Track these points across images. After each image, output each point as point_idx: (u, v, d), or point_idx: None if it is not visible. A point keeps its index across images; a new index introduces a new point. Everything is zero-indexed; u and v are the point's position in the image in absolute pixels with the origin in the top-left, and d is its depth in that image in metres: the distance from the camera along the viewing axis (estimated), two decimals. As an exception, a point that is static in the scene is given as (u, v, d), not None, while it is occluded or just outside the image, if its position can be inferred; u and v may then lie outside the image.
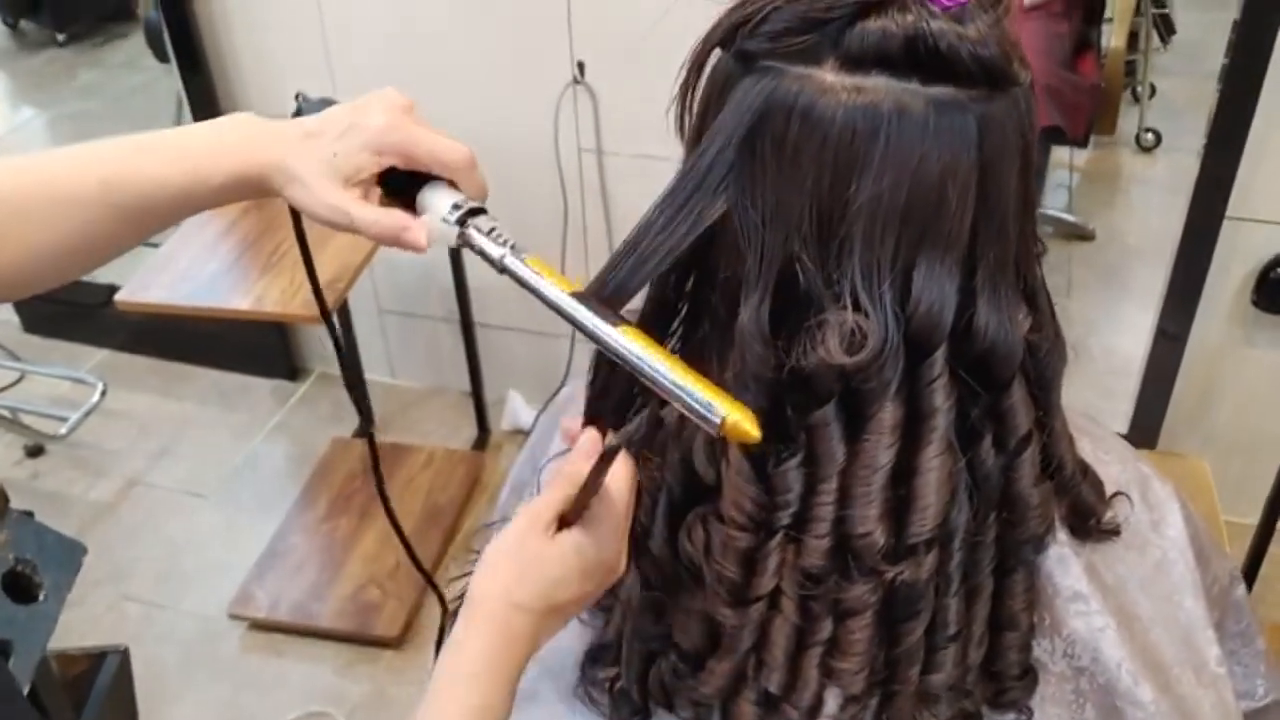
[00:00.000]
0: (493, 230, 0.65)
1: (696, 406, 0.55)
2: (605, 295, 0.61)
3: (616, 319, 0.60)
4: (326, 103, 0.73)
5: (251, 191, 0.69)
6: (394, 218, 0.67)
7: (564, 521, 0.63)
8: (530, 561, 0.62)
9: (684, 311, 0.65)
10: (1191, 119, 2.09)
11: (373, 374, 2.73)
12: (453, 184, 0.67)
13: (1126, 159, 3.29)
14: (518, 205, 2.32)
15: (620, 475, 0.63)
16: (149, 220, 0.70)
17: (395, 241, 0.67)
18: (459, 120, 2.46)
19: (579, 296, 0.61)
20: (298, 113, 0.73)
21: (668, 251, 0.60)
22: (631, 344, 0.58)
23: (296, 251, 0.78)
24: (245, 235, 2.13)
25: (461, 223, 0.65)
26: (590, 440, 0.66)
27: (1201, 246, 1.97)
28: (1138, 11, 2.96)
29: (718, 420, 0.54)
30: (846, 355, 0.57)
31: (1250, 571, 2.00)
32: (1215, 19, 2.02)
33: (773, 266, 0.59)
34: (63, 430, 2.65)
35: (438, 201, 0.67)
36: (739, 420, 0.54)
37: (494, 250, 0.64)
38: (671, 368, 0.57)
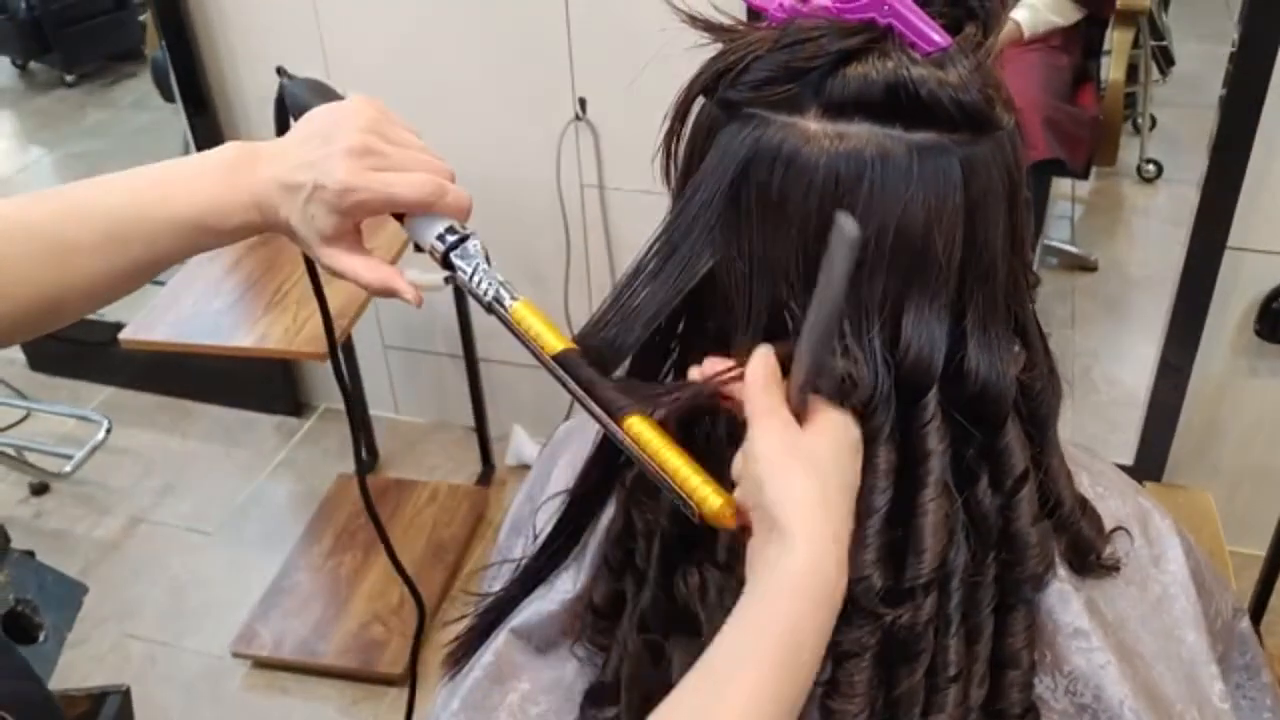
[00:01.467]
0: (474, 271, 0.65)
1: (679, 493, 0.57)
2: (598, 352, 0.61)
3: (604, 382, 0.60)
4: (314, 85, 0.73)
5: (255, 233, 0.70)
6: (380, 275, 0.68)
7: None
8: (816, 462, 0.55)
9: (675, 356, 0.65)
10: (1192, 150, 2.10)
11: (377, 409, 2.73)
12: None
13: (1128, 190, 3.29)
14: (521, 240, 2.34)
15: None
16: (152, 269, 0.71)
17: (391, 293, 0.68)
18: (463, 157, 2.48)
19: (568, 356, 0.60)
20: (280, 91, 0.74)
21: (659, 308, 0.60)
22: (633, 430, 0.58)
23: (300, 289, 0.80)
24: (249, 273, 2.14)
25: (447, 261, 0.65)
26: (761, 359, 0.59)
27: (1203, 277, 1.97)
28: (1136, 44, 2.97)
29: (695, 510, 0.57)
30: (837, 402, 0.57)
31: (1259, 603, 1.99)
32: (1214, 51, 2.03)
33: (762, 315, 0.59)
34: (67, 468, 2.65)
35: (421, 236, 0.67)
36: (719, 508, 0.57)
37: (481, 293, 0.64)
38: (660, 450, 0.58)
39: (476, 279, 0.65)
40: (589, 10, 2.04)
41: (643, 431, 0.58)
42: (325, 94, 0.73)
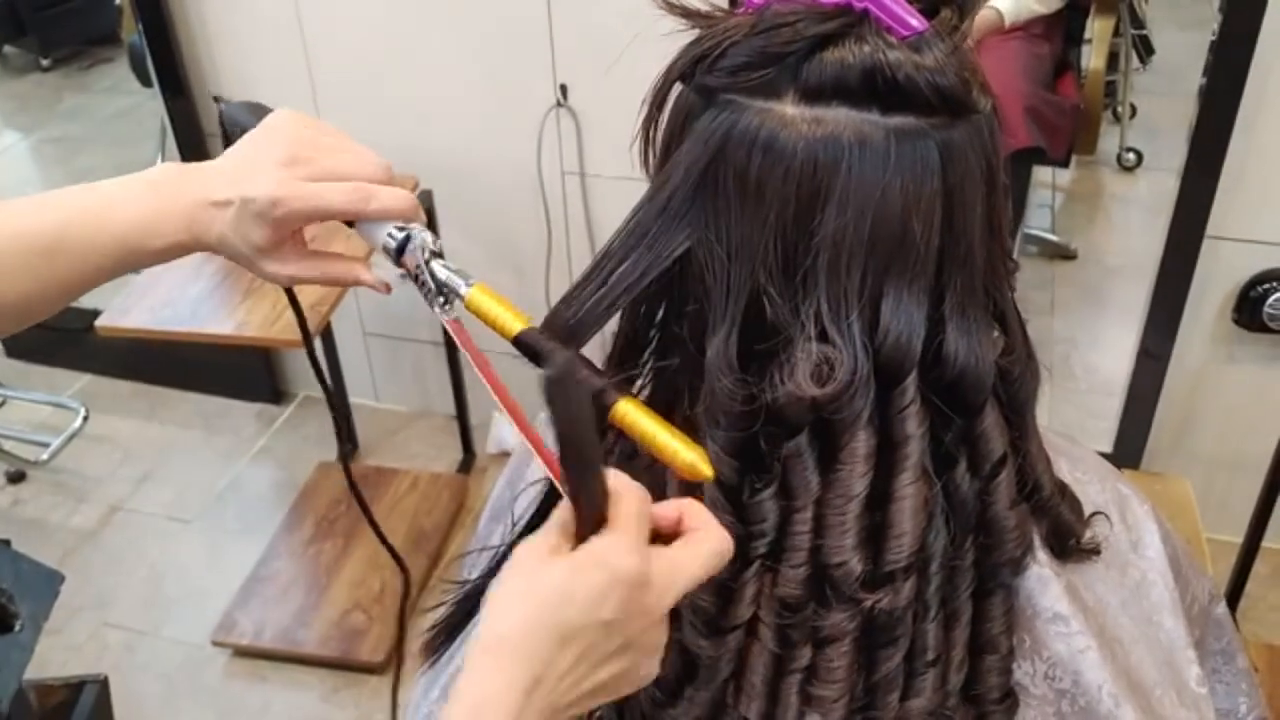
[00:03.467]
0: (422, 266, 0.65)
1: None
2: (567, 329, 0.61)
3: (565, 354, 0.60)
4: (250, 105, 0.73)
5: (184, 254, 0.70)
6: (342, 269, 0.68)
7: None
8: (536, 589, 0.52)
9: (654, 343, 0.65)
10: (1172, 138, 2.10)
11: (357, 397, 2.72)
12: None
13: (1108, 178, 3.31)
14: (502, 228, 2.34)
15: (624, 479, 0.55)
16: (84, 286, 0.70)
17: (356, 284, 0.69)
18: (444, 144, 2.47)
19: (530, 333, 0.61)
20: (221, 116, 0.74)
21: (628, 287, 0.60)
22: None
23: (275, 278, 0.79)
24: (227, 260, 2.12)
25: (398, 259, 0.65)
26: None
27: (1182, 265, 1.98)
28: (1117, 33, 2.98)
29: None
30: (816, 387, 0.57)
31: (1235, 589, 2.00)
32: (1193, 39, 2.04)
33: (739, 300, 0.59)
34: (44, 456, 2.63)
35: (372, 239, 0.67)
36: (694, 461, 0.56)
37: (432, 284, 0.64)
38: (635, 420, 0.57)
39: (421, 281, 0.65)
40: (570, -4, 2.03)
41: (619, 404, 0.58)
42: (259, 112, 0.73)
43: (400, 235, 0.65)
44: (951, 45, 0.57)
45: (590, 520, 0.54)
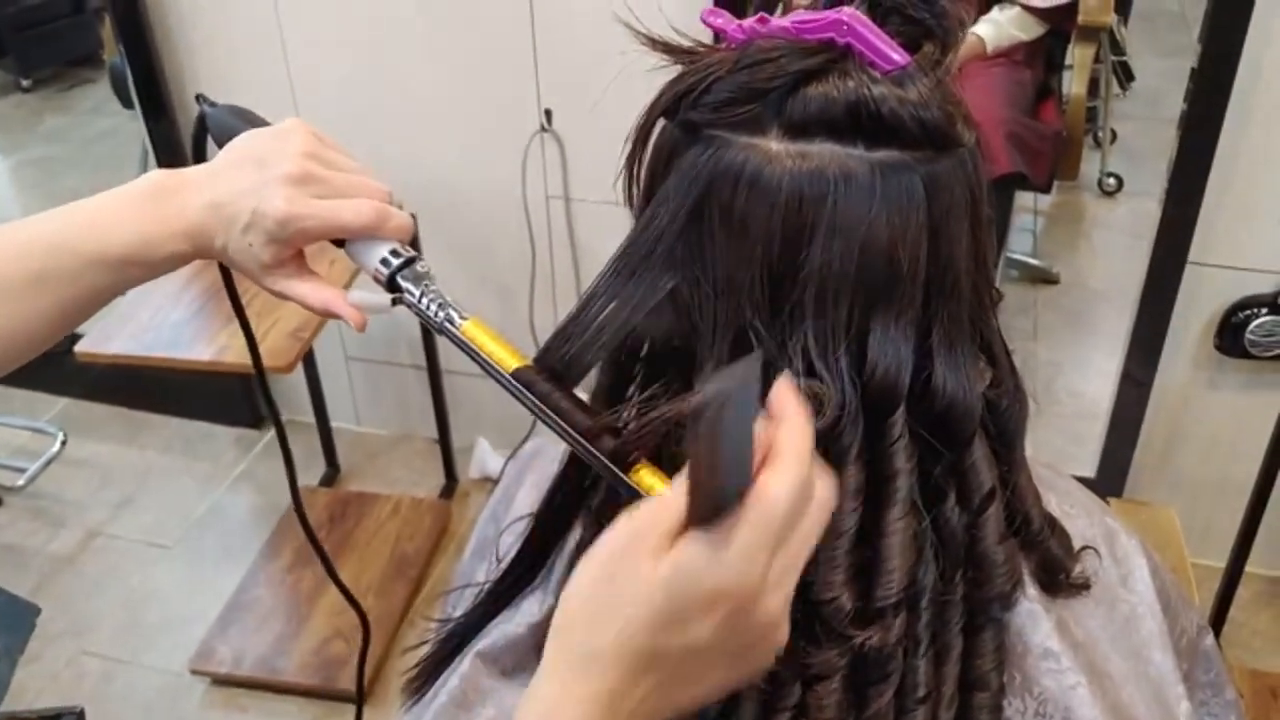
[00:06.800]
0: (423, 294, 0.65)
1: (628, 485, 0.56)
2: (557, 369, 0.60)
3: (564, 397, 0.59)
4: (236, 110, 0.72)
5: (184, 264, 0.68)
6: (323, 297, 0.67)
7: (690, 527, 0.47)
8: (635, 604, 0.47)
9: (639, 379, 0.64)
10: (1152, 164, 2.12)
11: (339, 421, 2.71)
12: None
13: (1089, 203, 3.32)
14: (486, 252, 2.33)
15: (794, 451, 0.47)
16: (79, 313, 0.68)
17: (334, 316, 0.68)
18: (428, 169, 2.47)
19: (524, 372, 0.60)
20: (201, 116, 0.73)
21: (620, 326, 0.59)
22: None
23: (260, 301, 0.79)
24: (209, 285, 2.11)
25: (392, 283, 0.65)
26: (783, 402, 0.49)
27: (1164, 291, 1.99)
28: (1097, 59, 3.00)
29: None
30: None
31: (1219, 615, 2.01)
32: (1173, 66, 2.06)
33: (726, 336, 0.58)
34: (21, 481, 2.61)
35: (364, 259, 0.66)
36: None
37: (431, 315, 0.64)
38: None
39: (425, 301, 0.64)
40: (553, 22, 2.03)
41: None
42: (250, 119, 0.72)
43: (399, 260, 0.65)
44: (935, 79, 0.57)
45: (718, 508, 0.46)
